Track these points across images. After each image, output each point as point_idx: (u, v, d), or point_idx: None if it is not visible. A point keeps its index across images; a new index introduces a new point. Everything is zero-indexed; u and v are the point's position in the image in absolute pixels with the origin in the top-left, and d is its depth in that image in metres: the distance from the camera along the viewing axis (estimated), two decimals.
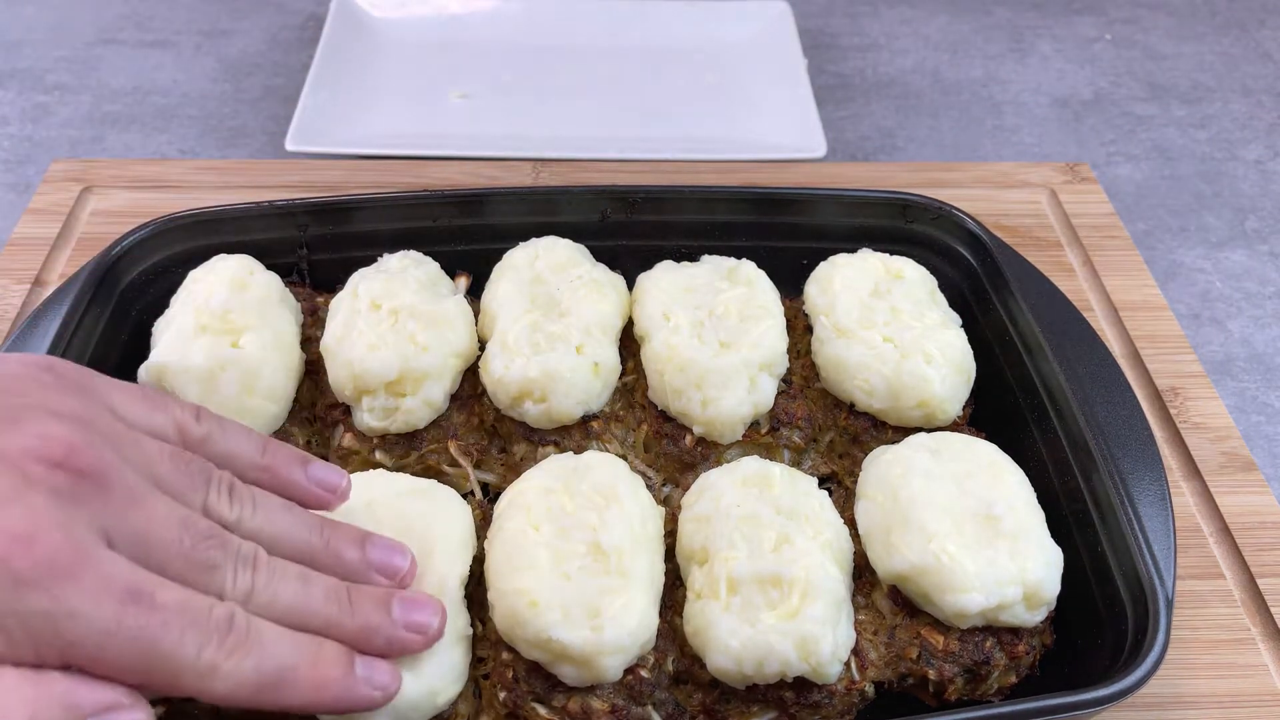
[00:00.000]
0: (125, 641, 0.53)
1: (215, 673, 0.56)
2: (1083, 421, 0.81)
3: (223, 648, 0.57)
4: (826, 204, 0.99)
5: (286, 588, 0.62)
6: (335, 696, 0.61)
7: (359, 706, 0.62)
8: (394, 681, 0.63)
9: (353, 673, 0.61)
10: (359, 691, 0.61)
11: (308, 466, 0.70)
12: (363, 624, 0.63)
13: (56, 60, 1.49)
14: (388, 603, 0.65)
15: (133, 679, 0.55)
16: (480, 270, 0.95)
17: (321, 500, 0.70)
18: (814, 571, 0.71)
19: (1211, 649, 0.85)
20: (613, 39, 1.53)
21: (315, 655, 0.61)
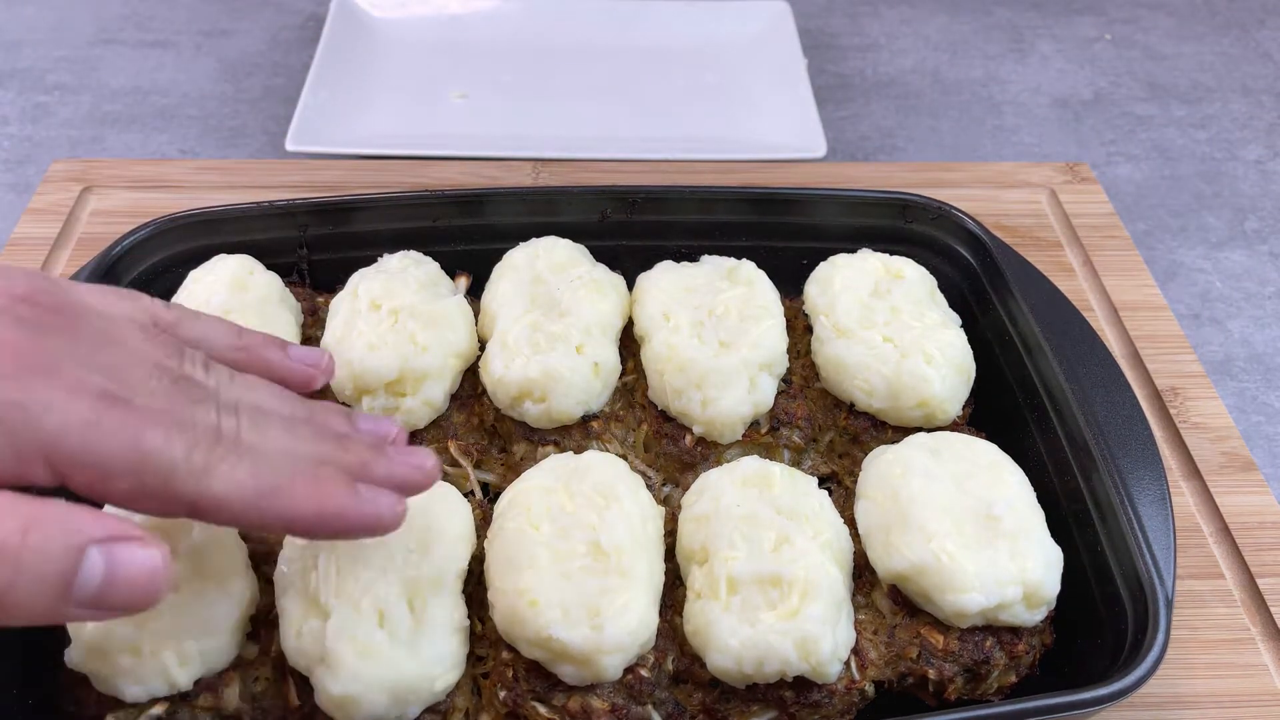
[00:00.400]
0: (108, 435, 0.50)
1: (210, 472, 0.52)
2: (1083, 421, 0.81)
3: (214, 452, 0.53)
4: (826, 204, 0.99)
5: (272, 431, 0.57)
6: (339, 507, 0.56)
7: (367, 522, 0.58)
8: (400, 504, 0.59)
9: (355, 491, 0.57)
10: (364, 507, 0.57)
11: (287, 348, 0.67)
12: (357, 460, 0.60)
13: (56, 60, 1.50)
14: (381, 446, 0.62)
15: (124, 485, 0.51)
16: (480, 270, 0.95)
17: (305, 375, 0.66)
18: (814, 571, 0.71)
19: (1211, 649, 0.85)
20: (613, 39, 1.53)
21: (313, 471, 0.57)
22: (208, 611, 0.68)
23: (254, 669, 0.71)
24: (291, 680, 0.70)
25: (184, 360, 0.58)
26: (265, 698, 0.70)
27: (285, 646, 0.69)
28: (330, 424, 0.63)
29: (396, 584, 0.69)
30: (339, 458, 0.60)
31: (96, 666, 0.67)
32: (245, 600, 0.71)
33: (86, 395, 0.50)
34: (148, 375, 0.54)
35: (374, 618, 0.67)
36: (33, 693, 0.70)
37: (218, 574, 0.70)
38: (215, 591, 0.69)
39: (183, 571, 0.69)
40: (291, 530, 0.58)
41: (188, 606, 0.68)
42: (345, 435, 0.63)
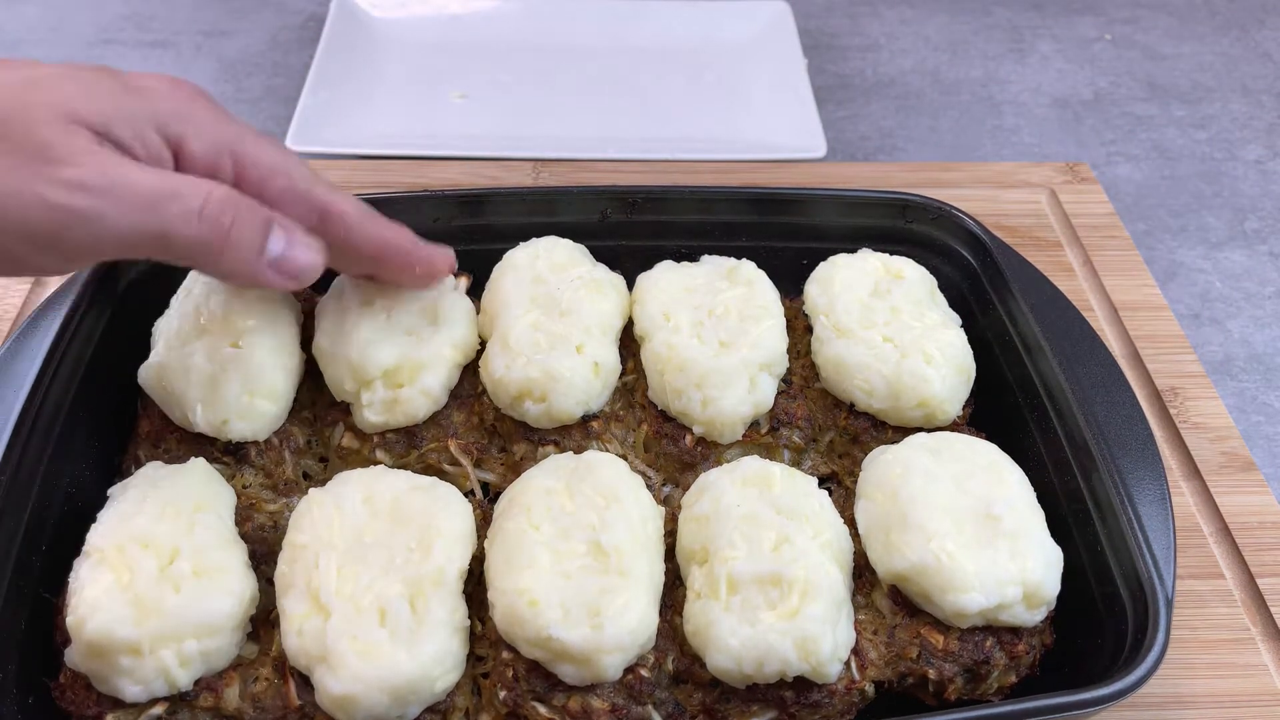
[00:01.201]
0: (268, 149, 0.72)
1: (336, 191, 0.76)
2: (1083, 421, 0.81)
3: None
4: (826, 204, 0.99)
5: None
6: (406, 242, 0.82)
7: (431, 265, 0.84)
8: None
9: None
10: (420, 252, 0.83)
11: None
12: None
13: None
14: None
15: (280, 183, 0.72)
16: (480, 270, 0.95)
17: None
18: (814, 571, 0.71)
19: (1211, 649, 0.85)
20: (613, 39, 1.53)
21: (387, 224, 0.80)
22: (208, 611, 0.68)
23: (254, 669, 0.71)
24: (292, 679, 0.70)
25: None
26: (265, 698, 0.70)
27: (286, 645, 0.69)
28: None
29: (397, 583, 0.69)
30: None
31: (96, 666, 0.67)
32: (245, 600, 0.71)
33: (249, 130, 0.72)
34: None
35: (375, 617, 0.67)
36: (33, 693, 0.70)
37: (218, 574, 0.70)
38: (215, 591, 0.69)
39: (183, 571, 0.69)
40: (378, 253, 0.80)
41: (188, 606, 0.68)
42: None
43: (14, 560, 0.72)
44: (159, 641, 0.67)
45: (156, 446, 0.84)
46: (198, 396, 0.81)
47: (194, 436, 0.83)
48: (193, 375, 0.81)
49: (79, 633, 0.67)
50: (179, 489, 0.74)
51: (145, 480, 0.76)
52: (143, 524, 0.71)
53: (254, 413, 0.82)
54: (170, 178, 0.66)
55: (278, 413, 0.84)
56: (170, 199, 0.64)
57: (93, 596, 0.67)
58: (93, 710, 0.68)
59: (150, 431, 0.84)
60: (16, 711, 0.69)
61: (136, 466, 0.82)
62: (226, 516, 0.75)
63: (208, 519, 0.73)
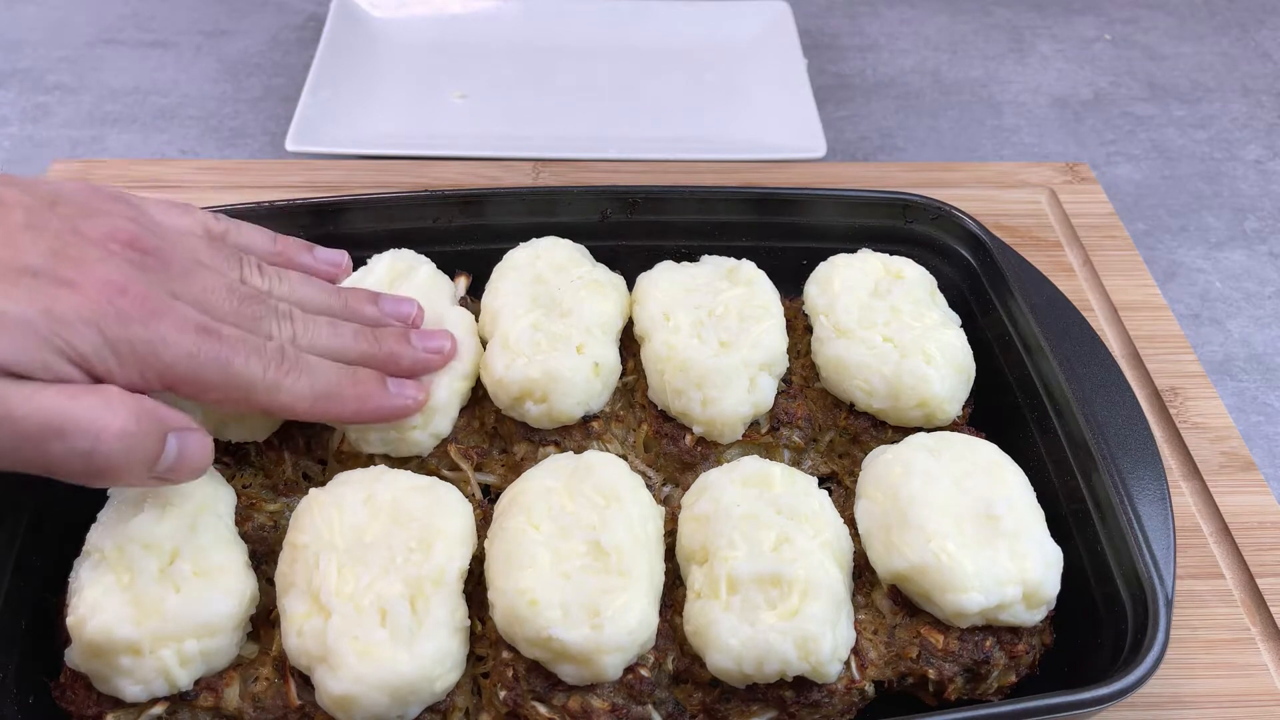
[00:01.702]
0: (207, 362, 0.68)
1: (279, 387, 0.71)
2: (1083, 421, 0.81)
3: (281, 369, 0.71)
4: (826, 204, 0.99)
5: (321, 332, 0.76)
6: (377, 405, 0.77)
7: (397, 413, 0.79)
8: (421, 393, 0.80)
9: (386, 388, 0.78)
10: (394, 402, 0.78)
11: (314, 250, 0.86)
12: (389, 351, 0.79)
13: (57, 60, 1.50)
14: (406, 335, 0.81)
15: (216, 396, 0.70)
16: (480, 270, 0.95)
17: (330, 274, 0.86)
18: (814, 571, 0.71)
19: (1211, 649, 0.85)
20: (613, 39, 1.53)
21: (354, 376, 0.76)
22: (208, 611, 0.68)
23: (254, 669, 0.71)
24: (292, 679, 0.70)
25: (242, 268, 0.76)
26: (265, 697, 0.70)
27: (286, 645, 0.69)
28: (363, 311, 0.82)
29: (398, 583, 0.69)
30: (374, 353, 0.79)
31: (96, 666, 0.67)
32: (245, 600, 0.71)
33: (189, 331, 0.68)
34: (224, 298, 0.72)
35: (375, 617, 0.67)
36: (33, 693, 0.71)
37: (218, 574, 0.70)
38: (215, 591, 0.69)
39: (183, 572, 0.69)
40: (338, 422, 0.79)
41: (188, 606, 0.68)
42: (376, 321, 0.81)
43: (14, 560, 0.72)
44: (159, 641, 0.67)
45: None
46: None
47: None
48: None
49: (79, 633, 0.67)
50: (179, 489, 0.74)
51: None
52: (143, 524, 0.71)
53: (256, 421, 0.82)
54: (63, 408, 0.61)
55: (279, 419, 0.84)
56: (56, 437, 0.61)
57: (93, 597, 0.67)
58: (93, 710, 0.68)
59: None
60: (16, 711, 0.69)
61: None
62: (226, 516, 0.75)
63: (207, 519, 0.73)
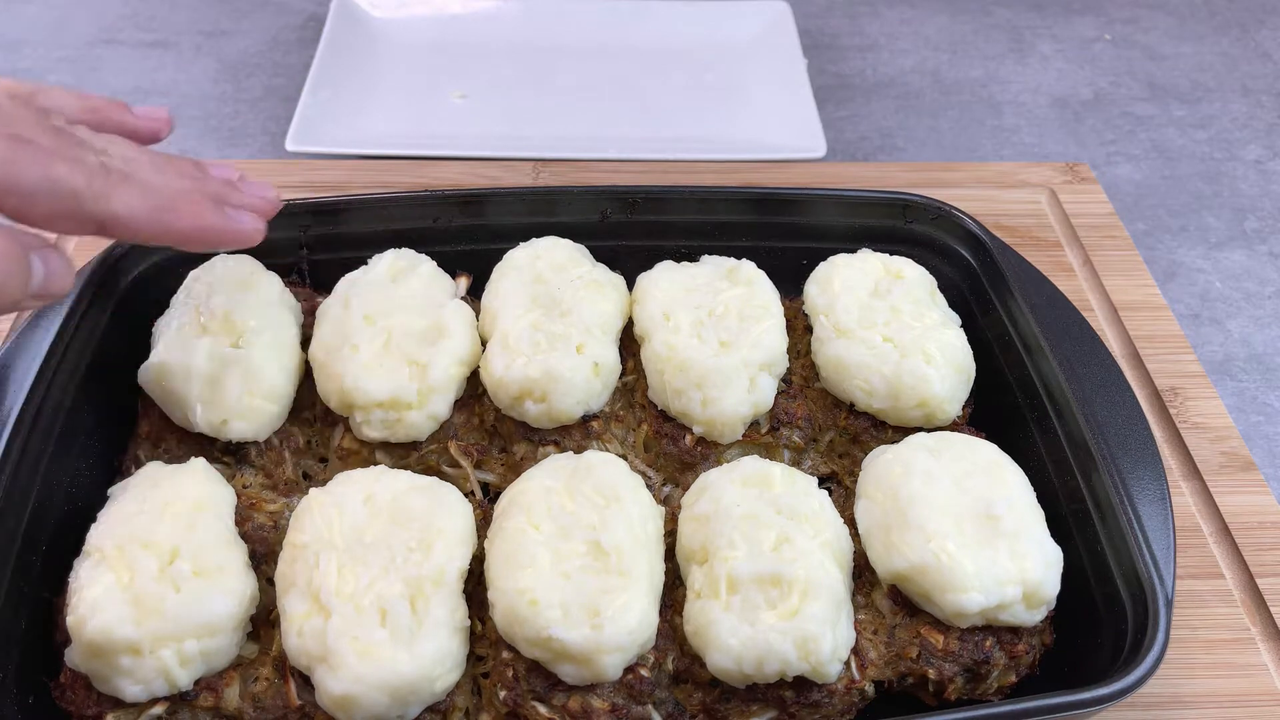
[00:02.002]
0: (24, 168, 0.63)
1: (109, 197, 0.66)
2: (1083, 421, 0.81)
3: (108, 181, 0.66)
4: (826, 204, 0.99)
5: (144, 167, 0.71)
6: (215, 223, 0.72)
7: (237, 235, 0.74)
8: (259, 223, 0.75)
9: (223, 211, 0.73)
10: (231, 224, 0.73)
11: (130, 108, 0.80)
12: (216, 190, 0.74)
13: (57, 60, 1.50)
14: (233, 180, 0.77)
15: (43, 209, 0.64)
16: (480, 270, 0.95)
17: (152, 129, 0.81)
18: (814, 571, 0.71)
19: (1211, 649, 0.85)
20: (613, 39, 1.53)
21: (189, 191, 0.72)
22: (208, 611, 0.68)
23: (254, 669, 0.71)
24: (292, 679, 0.70)
25: (51, 118, 0.70)
26: (265, 697, 0.70)
27: (286, 645, 0.69)
28: (184, 168, 0.76)
29: (398, 583, 0.69)
30: (203, 188, 0.74)
31: (96, 666, 0.67)
32: (245, 600, 0.71)
33: (1, 139, 0.63)
34: (35, 125, 0.67)
35: (375, 617, 0.67)
36: (33, 693, 0.70)
37: (218, 574, 0.70)
38: (215, 591, 0.69)
39: (183, 572, 0.69)
40: (180, 243, 0.72)
41: (188, 606, 0.68)
42: (200, 174, 0.76)
43: (14, 560, 0.72)
44: (159, 641, 0.67)
45: (156, 446, 0.84)
46: (198, 396, 0.81)
47: (194, 436, 0.83)
48: (193, 375, 0.81)
49: (79, 632, 0.67)
50: (179, 489, 0.74)
51: (145, 480, 0.76)
52: (143, 524, 0.71)
53: (254, 412, 0.82)
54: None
55: (278, 413, 0.84)
56: None
57: (93, 596, 0.67)
58: (93, 710, 0.68)
59: (150, 431, 0.84)
60: (16, 711, 0.69)
61: (136, 466, 0.82)
62: (226, 516, 0.76)
63: (207, 519, 0.73)
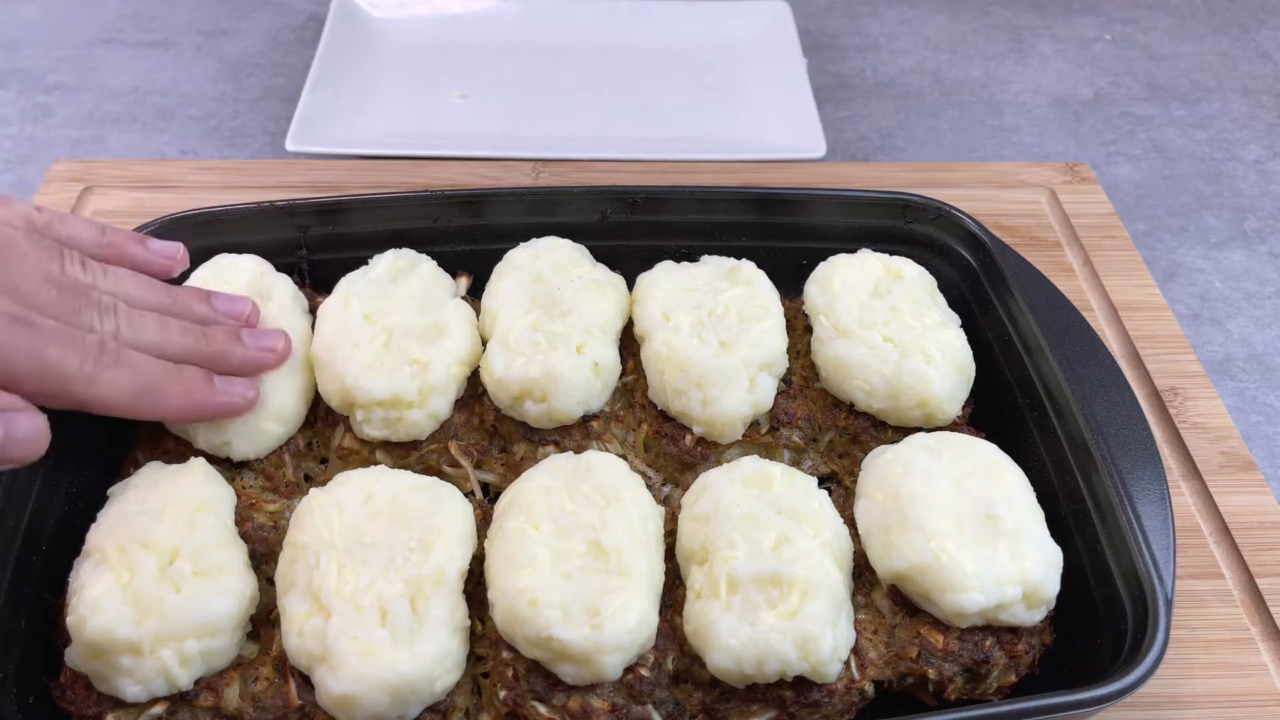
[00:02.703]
0: (18, 354, 0.65)
1: (97, 380, 0.69)
2: (1083, 421, 0.81)
3: (100, 362, 0.69)
4: (826, 204, 0.99)
5: (147, 327, 0.74)
6: (202, 401, 0.75)
7: (224, 410, 0.77)
8: (250, 390, 0.78)
9: (212, 385, 0.76)
10: (220, 399, 0.76)
11: (147, 242, 0.82)
12: (218, 349, 0.77)
13: (57, 60, 1.50)
14: (237, 332, 0.79)
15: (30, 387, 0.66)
16: (480, 270, 0.95)
17: (164, 267, 0.82)
18: (814, 571, 0.71)
19: (1210, 649, 0.85)
20: (613, 39, 1.53)
21: (178, 373, 0.74)
22: (208, 611, 0.68)
23: (254, 669, 0.71)
24: (292, 679, 0.70)
25: (65, 261, 0.73)
26: (265, 697, 0.70)
27: (286, 645, 0.69)
28: (193, 309, 0.79)
29: (398, 583, 0.69)
30: (201, 350, 0.76)
31: (96, 666, 0.67)
32: (245, 600, 0.71)
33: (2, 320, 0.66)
34: (40, 288, 0.69)
35: (375, 617, 0.67)
36: (33, 693, 0.70)
37: (218, 574, 0.70)
38: (215, 591, 0.69)
39: (183, 572, 0.69)
40: (162, 419, 0.77)
41: (188, 606, 0.68)
42: (206, 318, 0.79)
43: (14, 560, 0.72)
44: (159, 641, 0.67)
45: (156, 447, 0.84)
46: None
47: None
48: None
49: (79, 632, 0.67)
50: (179, 489, 0.74)
51: (145, 480, 0.76)
52: (143, 524, 0.71)
53: (259, 434, 0.82)
54: None
55: (284, 433, 0.84)
56: None
57: (93, 596, 0.67)
58: (93, 710, 0.68)
59: (150, 432, 0.84)
60: (16, 711, 0.69)
61: (136, 467, 0.82)
62: (226, 516, 0.75)
63: (207, 519, 0.73)
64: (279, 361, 0.81)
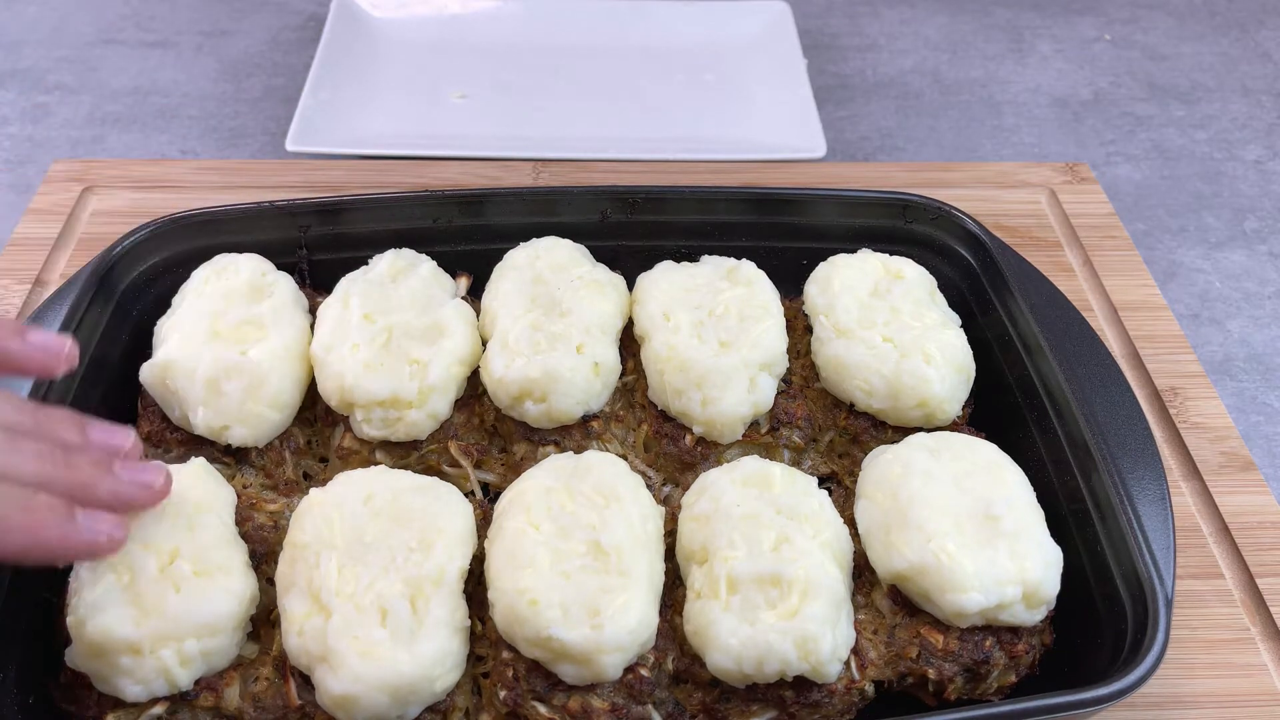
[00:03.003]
0: None
1: None
2: (1083, 421, 0.81)
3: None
4: (826, 204, 0.99)
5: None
6: (55, 538, 0.61)
7: (82, 551, 0.63)
8: (118, 530, 0.64)
9: (72, 519, 0.61)
10: (79, 535, 0.61)
11: (26, 334, 0.67)
12: (81, 479, 0.63)
13: (57, 60, 1.50)
14: (108, 463, 0.65)
15: None
16: (480, 270, 0.95)
17: (43, 365, 0.67)
18: (814, 571, 0.71)
19: (1211, 649, 0.85)
20: (613, 39, 1.53)
21: (27, 502, 0.60)
22: (208, 611, 0.68)
23: (254, 669, 0.71)
24: (292, 679, 0.70)
25: None
26: (266, 697, 0.70)
27: (287, 645, 0.69)
28: (59, 434, 0.65)
29: (398, 583, 0.69)
30: (60, 478, 0.62)
31: (97, 666, 0.67)
32: (246, 600, 0.71)
33: None
34: None
35: (375, 617, 0.67)
36: (33, 693, 0.70)
37: (218, 573, 0.70)
38: (215, 591, 0.69)
39: (183, 572, 0.69)
40: (5, 558, 0.61)
41: (188, 606, 0.68)
42: (73, 448, 0.65)
43: None
44: (159, 641, 0.67)
45: (156, 447, 0.84)
46: (200, 399, 0.81)
47: (194, 437, 0.83)
48: (198, 377, 0.81)
49: (79, 633, 0.67)
50: (179, 489, 0.74)
51: None
52: (142, 524, 0.71)
53: (256, 419, 0.82)
54: None
55: (281, 420, 0.84)
56: None
57: (93, 597, 0.67)
58: (93, 710, 0.68)
59: (150, 432, 0.84)
60: (17, 711, 0.69)
61: None
62: (227, 517, 0.75)
63: (207, 519, 0.73)
64: (155, 499, 0.68)
